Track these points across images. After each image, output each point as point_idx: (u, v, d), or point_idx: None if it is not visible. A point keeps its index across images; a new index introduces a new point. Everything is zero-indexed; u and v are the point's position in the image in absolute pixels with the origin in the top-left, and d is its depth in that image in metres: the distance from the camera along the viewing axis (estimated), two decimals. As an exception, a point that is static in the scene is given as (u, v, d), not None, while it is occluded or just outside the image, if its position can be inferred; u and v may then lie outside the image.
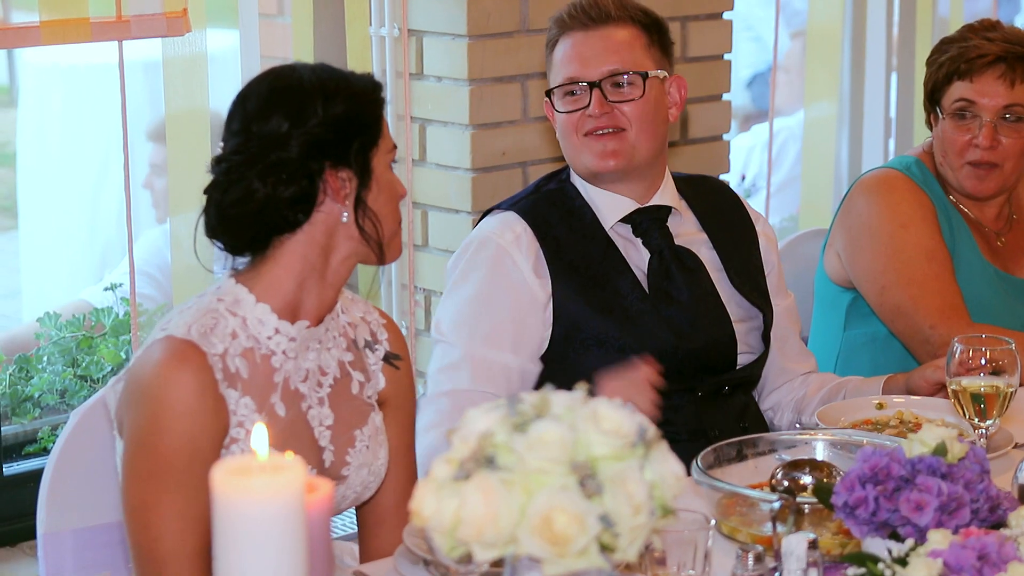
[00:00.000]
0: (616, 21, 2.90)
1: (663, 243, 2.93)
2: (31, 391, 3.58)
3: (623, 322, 2.87)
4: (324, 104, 2.28)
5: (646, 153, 2.90)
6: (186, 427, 2.21)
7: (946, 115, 3.29)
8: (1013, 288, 3.37)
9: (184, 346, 2.23)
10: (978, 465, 2.05)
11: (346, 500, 2.46)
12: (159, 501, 2.22)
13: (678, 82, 2.96)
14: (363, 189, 2.30)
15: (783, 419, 3.14)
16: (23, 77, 4.44)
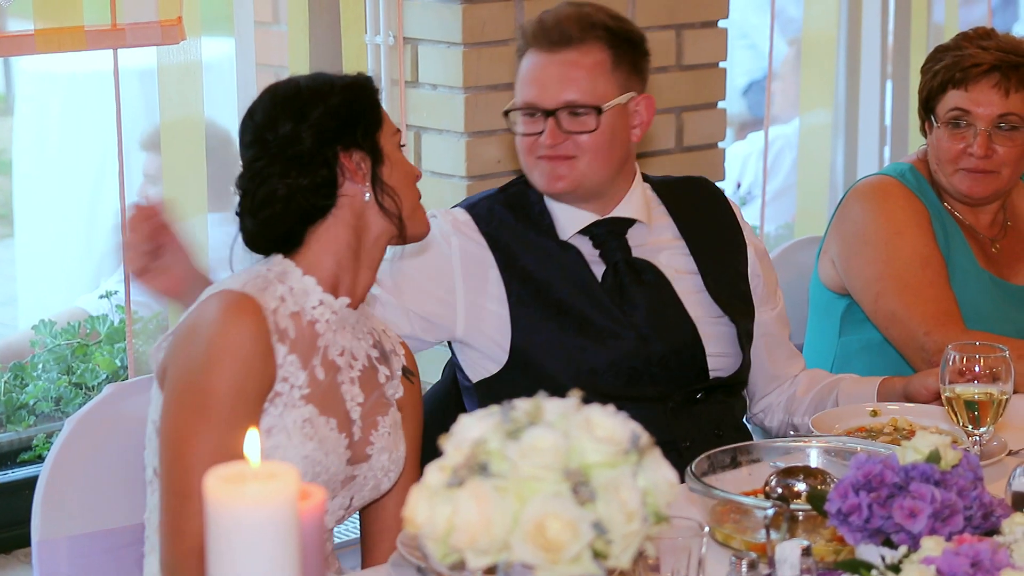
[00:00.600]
0: (578, 44, 2.84)
1: (619, 256, 2.92)
2: (26, 398, 3.58)
3: (582, 326, 2.86)
4: (323, 99, 2.45)
5: (598, 178, 2.88)
6: (237, 369, 2.33)
7: (940, 123, 3.29)
8: (1008, 294, 3.38)
9: (241, 297, 2.37)
10: (972, 472, 2.05)
11: (366, 486, 2.50)
12: (197, 435, 2.32)
13: (646, 101, 2.91)
14: (377, 167, 2.47)
15: (774, 420, 3.15)
16: (19, 85, 4.44)
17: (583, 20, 2.85)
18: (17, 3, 3.02)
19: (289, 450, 2.38)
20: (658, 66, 3.92)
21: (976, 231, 3.39)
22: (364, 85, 2.50)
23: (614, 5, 3.77)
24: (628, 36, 2.89)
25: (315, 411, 2.41)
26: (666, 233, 3.01)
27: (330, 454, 2.41)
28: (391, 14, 3.64)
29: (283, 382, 2.38)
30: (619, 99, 2.86)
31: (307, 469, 2.39)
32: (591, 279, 2.90)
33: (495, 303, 2.88)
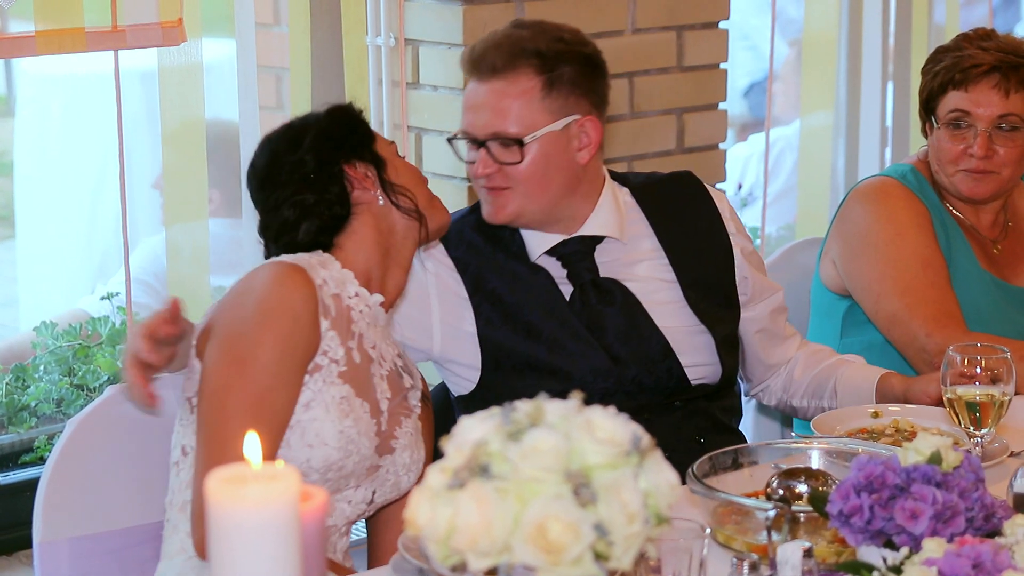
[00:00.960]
0: (504, 72, 2.79)
1: (585, 277, 2.89)
2: (27, 400, 3.59)
3: (553, 346, 2.85)
4: (314, 125, 2.62)
5: (538, 207, 2.85)
6: (286, 327, 2.40)
7: (941, 124, 3.29)
8: (1009, 295, 3.38)
9: (291, 266, 2.47)
10: (973, 474, 2.05)
11: (388, 481, 2.56)
12: (240, 386, 2.38)
13: (591, 123, 2.85)
14: (382, 171, 2.61)
15: (771, 399, 3.17)
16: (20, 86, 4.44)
17: (512, 47, 2.80)
18: (18, 5, 3.02)
19: (326, 423, 2.45)
20: (659, 67, 3.92)
21: (977, 232, 3.39)
22: (346, 108, 2.66)
23: (614, 8, 3.79)
24: (568, 59, 2.82)
25: (351, 391, 2.48)
26: (644, 242, 2.97)
27: (362, 435, 2.48)
28: (392, 15, 3.64)
29: (323, 355, 2.46)
30: (552, 127, 2.81)
31: (341, 445, 2.46)
32: (560, 301, 2.88)
33: (467, 325, 2.88)
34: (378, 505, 2.58)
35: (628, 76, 3.88)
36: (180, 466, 2.51)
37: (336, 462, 2.46)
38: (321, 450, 2.45)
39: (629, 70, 3.87)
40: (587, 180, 2.90)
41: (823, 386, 3.08)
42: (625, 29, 3.85)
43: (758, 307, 3.08)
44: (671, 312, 2.92)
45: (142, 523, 2.64)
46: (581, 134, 2.85)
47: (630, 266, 2.94)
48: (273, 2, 3.75)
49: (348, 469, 2.48)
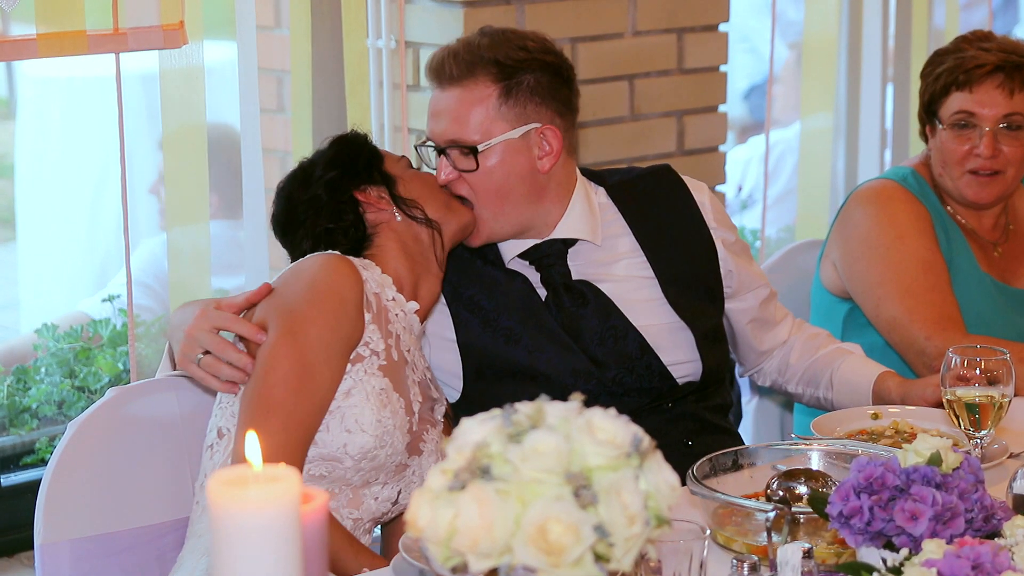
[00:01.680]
0: (462, 80, 2.81)
1: (558, 281, 2.90)
2: (29, 402, 3.59)
3: (532, 351, 2.85)
4: (320, 158, 2.73)
5: (509, 224, 2.86)
6: (336, 309, 2.50)
7: (946, 126, 3.29)
8: (1010, 298, 3.38)
9: (340, 257, 2.58)
10: (972, 475, 2.06)
11: (414, 482, 2.63)
12: (288, 356, 2.46)
13: (551, 132, 2.85)
14: (393, 189, 2.71)
15: (766, 381, 3.19)
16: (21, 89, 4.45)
17: (470, 56, 2.81)
18: (19, 7, 3.02)
19: (366, 410, 2.51)
20: (659, 70, 3.93)
21: (978, 235, 3.39)
22: (349, 137, 2.77)
23: (614, 10, 3.80)
24: (527, 67, 2.82)
25: (390, 385, 2.56)
26: (621, 239, 2.97)
27: (397, 428, 2.55)
28: (393, 18, 3.64)
29: (364, 346, 2.54)
30: (509, 135, 2.82)
31: (378, 434, 2.52)
32: (538, 305, 2.88)
33: (448, 333, 2.89)
34: (402, 507, 2.62)
35: (628, 78, 3.88)
36: (215, 448, 2.56)
37: (371, 451, 2.52)
38: (359, 436, 2.51)
39: (629, 72, 3.88)
40: (554, 186, 2.90)
41: (819, 375, 3.09)
42: (625, 32, 3.86)
43: (747, 297, 3.08)
44: (650, 310, 2.92)
45: (144, 524, 2.65)
46: (542, 142, 2.85)
47: (607, 266, 2.94)
48: (274, 5, 3.76)
49: (380, 460, 2.54)
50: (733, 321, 3.10)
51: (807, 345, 3.13)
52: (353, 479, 2.54)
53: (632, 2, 3.85)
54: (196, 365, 2.53)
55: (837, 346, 3.13)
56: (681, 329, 2.93)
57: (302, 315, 2.49)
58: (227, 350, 2.51)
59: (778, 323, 3.14)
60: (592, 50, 3.81)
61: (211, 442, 2.57)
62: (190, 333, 2.54)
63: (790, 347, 3.14)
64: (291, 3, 3.44)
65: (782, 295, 3.48)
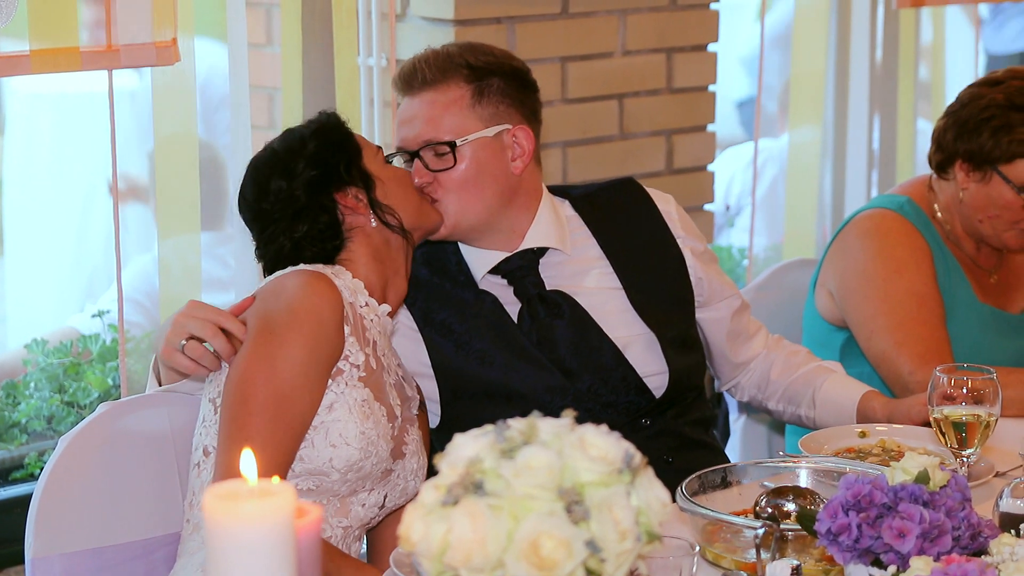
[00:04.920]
0: (434, 84, 2.85)
1: (532, 292, 2.91)
2: (18, 417, 3.59)
3: (505, 369, 2.86)
4: (300, 152, 2.67)
5: (474, 214, 2.87)
6: (314, 331, 2.49)
7: (1017, 186, 3.24)
8: (1007, 325, 3.37)
9: (318, 274, 2.57)
10: (960, 493, 2.07)
11: (398, 486, 2.62)
12: (266, 382, 2.45)
13: (524, 133, 2.89)
14: (372, 192, 2.68)
15: (744, 396, 3.20)
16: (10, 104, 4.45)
17: (439, 60, 2.86)
18: (12, 23, 3.03)
19: (349, 424, 2.52)
20: (649, 89, 3.95)
21: (974, 264, 3.39)
22: (331, 125, 2.72)
23: (604, 30, 3.82)
24: (496, 70, 2.88)
25: (371, 395, 2.56)
26: (589, 252, 2.99)
27: (381, 437, 2.56)
28: (384, 36, 3.66)
29: (344, 360, 2.54)
30: (483, 132, 2.85)
31: (363, 446, 2.53)
32: (508, 324, 2.89)
33: (422, 358, 2.90)
34: (388, 510, 2.65)
35: (618, 98, 3.90)
36: (202, 467, 2.56)
37: (357, 462, 2.53)
38: (344, 450, 2.52)
39: (619, 92, 3.90)
40: (523, 192, 2.93)
41: (801, 394, 3.09)
42: (615, 51, 3.88)
43: (720, 307, 3.09)
44: (621, 321, 2.94)
45: (134, 539, 2.65)
46: (514, 143, 2.89)
47: (577, 277, 2.96)
48: (266, 22, 3.77)
49: (367, 470, 2.55)
50: (707, 332, 3.11)
51: (788, 362, 3.14)
52: (340, 490, 2.55)
53: (622, 22, 3.87)
54: (179, 351, 2.53)
55: (819, 364, 3.14)
56: (651, 339, 2.94)
57: (281, 338, 2.48)
58: (216, 336, 2.51)
59: (752, 335, 3.15)
60: (582, 69, 3.82)
61: (197, 460, 2.57)
62: (178, 320, 2.55)
63: (770, 362, 3.14)
64: (282, 20, 3.45)
65: (771, 313, 3.50)
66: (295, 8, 3.45)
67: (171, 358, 2.55)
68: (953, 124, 3.31)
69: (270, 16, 3.78)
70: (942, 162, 3.33)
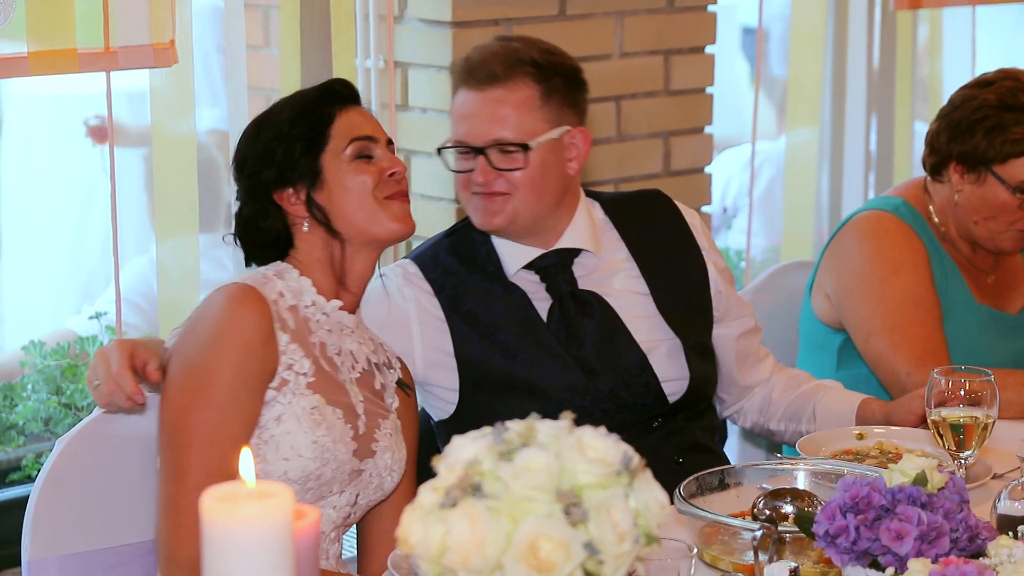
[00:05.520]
0: (504, 81, 2.83)
1: (564, 289, 2.92)
2: (15, 419, 3.59)
3: (529, 364, 2.87)
4: (258, 136, 2.58)
5: (532, 213, 2.88)
6: (239, 352, 2.43)
7: (1010, 186, 3.24)
8: (1004, 325, 3.37)
9: (244, 287, 2.50)
10: (958, 495, 2.07)
11: (371, 484, 2.58)
12: (197, 415, 2.42)
13: (582, 134, 2.90)
14: (313, 191, 2.57)
15: (747, 421, 3.18)
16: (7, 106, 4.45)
17: (509, 57, 2.84)
18: (10, 25, 3.03)
19: (299, 435, 2.47)
20: (646, 91, 3.95)
21: (971, 264, 3.39)
22: (313, 103, 2.58)
23: (602, 32, 3.82)
24: (559, 70, 2.87)
25: (322, 399, 2.51)
26: (618, 255, 3.00)
27: (337, 442, 2.50)
28: (382, 38, 3.66)
29: (288, 370, 2.49)
30: (550, 134, 2.85)
31: (317, 455, 2.48)
32: (536, 319, 2.90)
33: (445, 347, 2.89)
34: (363, 507, 2.60)
35: (615, 100, 3.90)
36: None
37: (313, 472, 2.49)
38: (297, 462, 2.47)
39: (616, 94, 3.90)
40: (570, 192, 2.94)
41: (801, 410, 3.09)
42: (612, 53, 3.88)
43: (733, 325, 3.09)
44: (648, 326, 2.95)
45: (131, 541, 2.65)
46: (571, 144, 2.90)
47: (606, 280, 2.97)
48: (264, 24, 3.77)
49: (327, 477, 2.51)
50: (718, 350, 3.11)
51: (788, 383, 3.14)
52: (305, 498, 2.50)
53: (619, 24, 3.88)
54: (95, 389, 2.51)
55: (817, 383, 3.14)
56: (675, 345, 2.95)
57: (206, 369, 2.43)
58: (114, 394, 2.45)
59: (761, 360, 3.15)
60: (579, 71, 3.82)
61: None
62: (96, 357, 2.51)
63: (772, 386, 3.14)
64: (281, 22, 3.45)
65: (769, 316, 3.50)
66: (293, 10, 3.45)
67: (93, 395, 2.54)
68: (946, 126, 3.31)
69: (268, 18, 3.78)
70: (936, 165, 3.33)
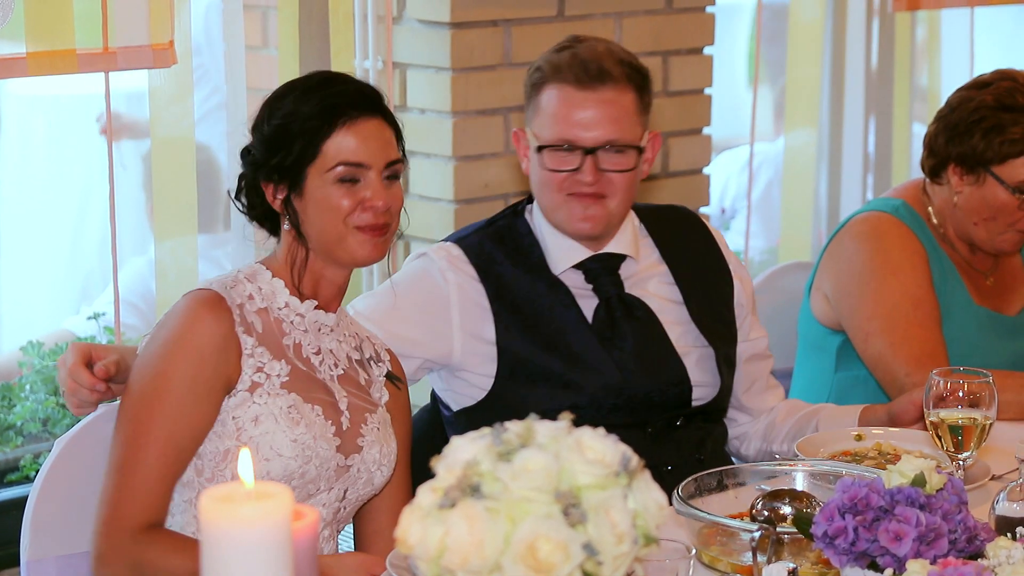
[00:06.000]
0: (615, 82, 2.83)
1: (612, 291, 2.93)
2: (13, 419, 3.59)
3: (568, 359, 2.87)
4: (268, 119, 2.55)
5: (621, 215, 2.92)
6: (193, 360, 2.44)
7: (1010, 185, 3.24)
8: (1003, 327, 3.37)
9: (207, 293, 2.49)
10: (956, 496, 2.07)
11: (360, 479, 2.57)
12: (151, 421, 2.43)
13: (655, 140, 2.92)
14: (292, 195, 2.54)
15: (750, 448, 3.16)
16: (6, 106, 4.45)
17: (615, 57, 2.85)
18: (8, 26, 3.03)
19: (278, 435, 2.47)
20: (645, 92, 3.94)
21: (970, 266, 3.39)
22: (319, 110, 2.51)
23: (601, 30, 3.82)
24: (644, 74, 2.90)
25: (299, 398, 2.50)
26: (652, 262, 3.02)
27: (319, 439, 2.50)
28: (380, 39, 3.66)
29: (258, 372, 2.48)
30: (646, 137, 2.89)
31: (297, 453, 2.48)
32: (579, 315, 2.91)
33: (487, 333, 2.89)
34: (352, 502, 2.59)
35: (614, 100, 3.90)
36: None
37: (296, 470, 2.48)
38: (278, 461, 2.47)
39: (615, 94, 3.89)
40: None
41: (804, 428, 3.07)
42: (611, 54, 3.87)
43: (746, 346, 3.09)
44: (681, 332, 2.97)
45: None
46: (650, 148, 2.92)
47: (643, 283, 2.99)
48: (262, 25, 3.77)
49: (311, 475, 2.50)
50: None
51: (791, 407, 3.14)
52: None
53: (618, 25, 3.88)
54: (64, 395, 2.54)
55: (819, 405, 3.15)
56: (707, 353, 2.97)
57: (161, 375, 2.44)
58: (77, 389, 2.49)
59: (768, 389, 3.16)
60: (578, 72, 3.82)
61: None
62: (57, 365, 2.55)
63: (776, 413, 3.14)
64: (279, 23, 3.45)
65: (767, 317, 3.49)
66: (292, 10, 3.45)
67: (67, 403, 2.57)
68: (944, 128, 3.31)
69: (267, 18, 3.78)
70: (935, 167, 3.33)
